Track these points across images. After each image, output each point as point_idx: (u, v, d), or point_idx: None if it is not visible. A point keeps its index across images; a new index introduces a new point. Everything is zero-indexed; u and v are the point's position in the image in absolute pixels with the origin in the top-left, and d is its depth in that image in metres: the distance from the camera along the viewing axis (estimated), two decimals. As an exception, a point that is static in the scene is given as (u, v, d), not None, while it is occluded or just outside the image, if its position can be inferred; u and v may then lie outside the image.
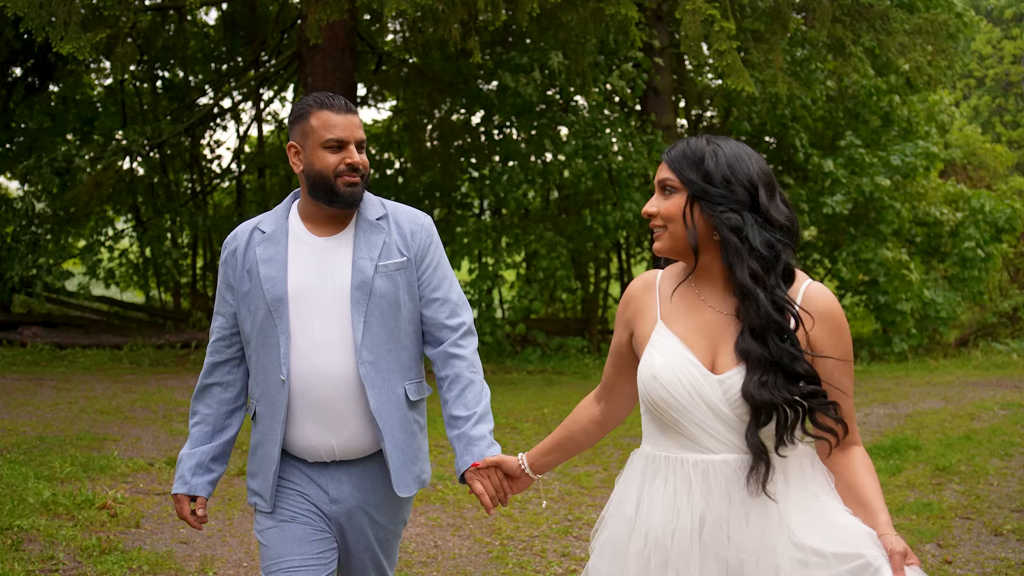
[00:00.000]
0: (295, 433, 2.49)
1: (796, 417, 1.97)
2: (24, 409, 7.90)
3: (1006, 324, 16.27)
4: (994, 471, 6.49)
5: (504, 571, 4.50)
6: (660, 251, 2.11)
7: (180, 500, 2.57)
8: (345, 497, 2.52)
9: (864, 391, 10.07)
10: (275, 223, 2.56)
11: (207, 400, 2.60)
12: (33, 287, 12.70)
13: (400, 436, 2.50)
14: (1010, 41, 30.77)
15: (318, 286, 2.47)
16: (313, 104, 2.48)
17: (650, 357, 2.06)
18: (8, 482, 5.33)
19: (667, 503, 2.03)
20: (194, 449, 2.57)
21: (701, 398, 2.00)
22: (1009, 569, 4.63)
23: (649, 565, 2.04)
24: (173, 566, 4.39)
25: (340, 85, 10.93)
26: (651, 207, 2.10)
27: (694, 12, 8.22)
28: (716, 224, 2.01)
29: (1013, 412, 8.65)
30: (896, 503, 5.70)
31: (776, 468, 1.98)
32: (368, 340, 2.45)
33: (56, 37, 7.89)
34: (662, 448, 2.08)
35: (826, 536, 1.93)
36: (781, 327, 1.98)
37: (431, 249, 2.58)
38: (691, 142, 2.09)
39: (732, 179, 2.02)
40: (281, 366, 2.45)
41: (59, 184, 12.32)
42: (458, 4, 7.79)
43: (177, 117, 13.91)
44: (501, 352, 12.50)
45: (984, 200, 14.45)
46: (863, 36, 11.20)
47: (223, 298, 2.58)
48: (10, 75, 13.91)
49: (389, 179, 15.34)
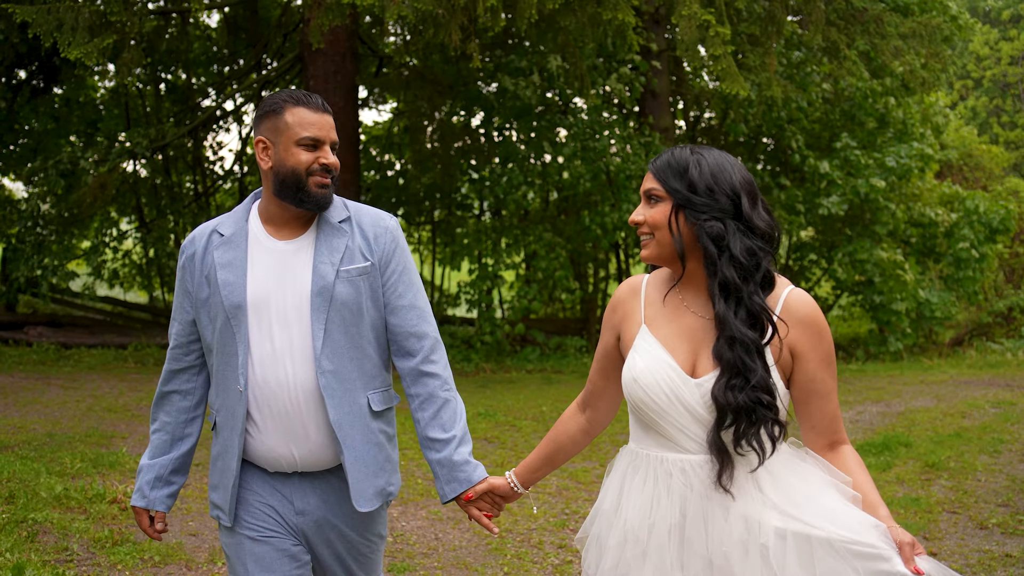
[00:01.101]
0: (257, 444, 2.41)
1: (752, 424, 2.00)
2: (32, 407, 8.05)
3: (1001, 324, 16.40)
4: (982, 467, 6.62)
5: (503, 562, 4.65)
6: (647, 258, 2.17)
7: (139, 513, 2.51)
8: (311, 509, 2.44)
9: (858, 389, 10.22)
10: (234, 225, 2.45)
11: (166, 408, 2.52)
12: (39, 287, 12.85)
13: (362, 448, 2.41)
14: (1007, 42, 30.89)
15: (278, 292, 2.38)
16: (288, 100, 2.39)
17: (632, 361, 2.12)
18: (21, 477, 5.47)
19: (646, 498, 2.09)
20: (154, 460, 2.51)
21: (679, 401, 2.05)
22: (992, 561, 4.77)
23: (625, 556, 2.09)
24: (183, 556, 4.54)
25: (342, 88, 11.09)
26: (638, 216, 2.15)
27: (690, 17, 8.37)
28: (698, 232, 2.07)
29: (1004, 410, 8.77)
30: (885, 498, 5.84)
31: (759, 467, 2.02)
32: (328, 348, 2.36)
33: (64, 42, 8.04)
34: (644, 446, 2.14)
35: (836, 525, 1.95)
36: (751, 338, 2.02)
37: (396, 253, 2.48)
38: (675, 152, 2.14)
39: (715, 188, 2.07)
40: (239, 376, 2.37)
41: (64, 186, 12.47)
42: (458, 10, 7.94)
43: (180, 119, 14.06)
44: (501, 351, 12.64)
45: (979, 201, 14.59)
46: (857, 40, 11.35)
47: (181, 305, 2.49)
48: (15, 78, 14.05)
49: (390, 180, 15.50)
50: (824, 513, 1.97)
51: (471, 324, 13.98)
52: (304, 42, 10.71)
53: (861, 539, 1.92)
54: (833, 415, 2.11)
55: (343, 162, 10.98)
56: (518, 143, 13.51)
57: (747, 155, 15.09)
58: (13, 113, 14.25)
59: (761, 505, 2.00)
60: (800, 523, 1.96)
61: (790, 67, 13.11)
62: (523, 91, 12.19)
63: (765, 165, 15.00)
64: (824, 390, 2.10)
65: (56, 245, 13.31)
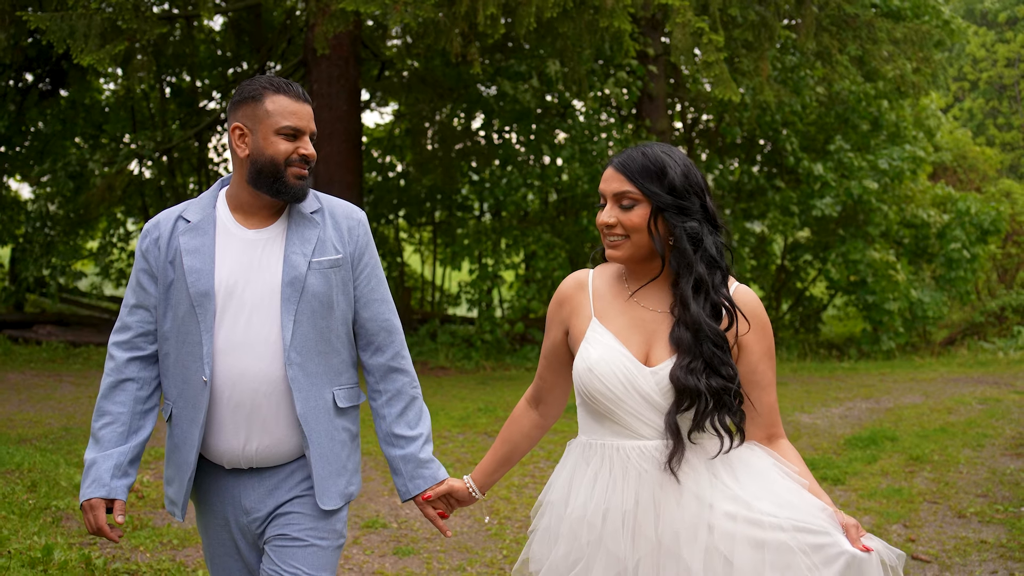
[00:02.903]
0: (212, 437, 2.33)
1: (711, 406, 2.05)
2: (46, 403, 8.30)
3: (993, 323, 16.63)
4: (965, 460, 6.83)
5: (502, 546, 4.90)
6: (619, 259, 2.16)
7: (96, 507, 2.28)
8: (258, 506, 2.37)
9: (849, 387, 10.45)
10: (201, 212, 2.38)
11: (120, 398, 2.36)
12: (47, 287, 13.08)
13: (326, 445, 2.36)
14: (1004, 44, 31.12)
15: (246, 282, 2.32)
16: (268, 87, 2.32)
17: (586, 352, 2.14)
18: (41, 468, 5.72)
19: (600, 486, 2.11)
20: (109, 451, 2.32)
21: (635, 389, 2.08)
22: (967, 547, 4.99)
23: (579, 543, 2.11)
24: (200, 541, 4.78)
25: (345, 91, 11.33)
26: (609, 218, 2.14)
27: (684, 25, 8.62)
28: (677, 233, 2.09)
29: (990, 406, 8.98)
30: (869, 488, 6.08)
31: (723, 453, 2.08)
32: (297, 341, 2.30)
33: (76, 49, 8.29)
34: (597, 436, 2.16)
35: (783, 507, 2.02)
36: (715, 330, 2.08)
37: (369, 247, 2.45)
38: (646, 152, 2.13)
39: (689, 189, 2.10)
40: (204, 366, 2.29)
41: (73, 188, 12.72)
42: (459, 17, 8.19)
43: (185, 122, 14.30)
44: (501, 350, 12.88)
45: (970, 203, 14.84)
46: (849, 45, 11.59)
47: (144, 289, 2.38)
48: (23, 81, 14.29)
49: (391, 182, 15.75)
50: (774, 497, 2.03)
51: (471, 323, 14.22)
52: (308, 46, 10.95)
53: (810, 521, 2.00)
54: (772, 407, 2.17)
55: (346, 164, 11.27)
56: (517, 146, 13.75)
57: (744, 157, 15.35)
58: (21, 116, 14.50)
59: (713, 489, 2.05)
60: (751, 509, 2.01)
61: (784, 71, 13.35)
62: (522, 95, 12.43)
63: (761, 167, 15.25)
64: (765, 382, 2.17)
65: (64, 246, 13.55)
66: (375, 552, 4.76)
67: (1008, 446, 7.30)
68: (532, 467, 6.52)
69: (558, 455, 6.69)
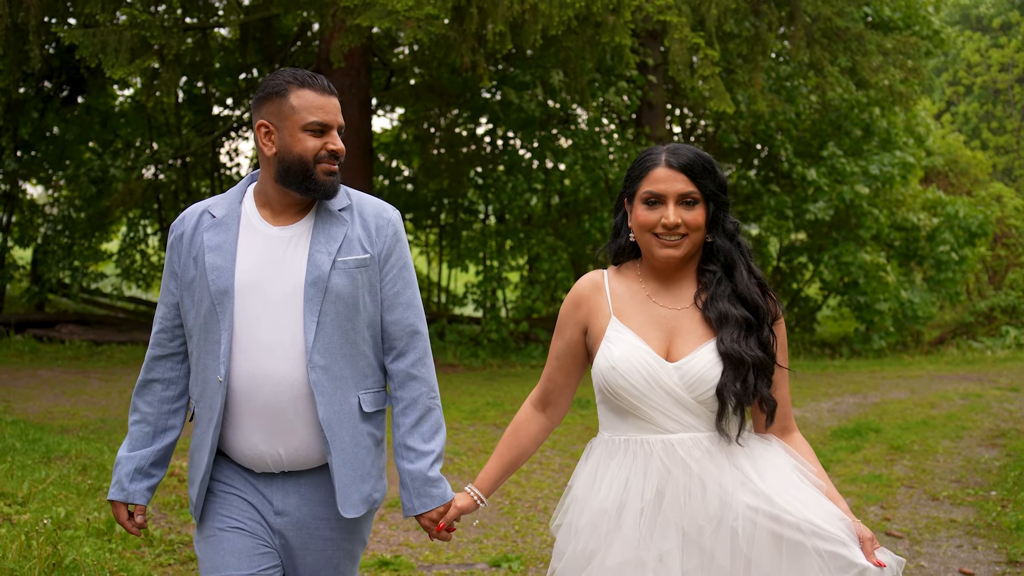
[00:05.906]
0: (239, 441, 2.28)
1: (755, 376, 2.12)
2: (79, 397, 8.79)
3: (983, 323, 17.07)
4: (943, 450, 7.28)
5: (513, 523, 5.40)
6: (680, 258, 2.18)
7: (117, 506, 2.36)
8: (291, 510, 2.31)
9: (839, 383, 10.92)
10: (227, 207, 2.32)
11: (148, 398, 2.38)
12: (70, 288, 13.55)
13: (350, 451, 2.29)
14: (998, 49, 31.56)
15: (268, 280, 2.25)
16: (292, 81, 2.23)
17: (607, 350, 2.17)
18: (88, 454, 6.21)
19: (619, 479, 2.14)
20: (134, 452, 2.36)
21: (658, 384, 2.12)
22: (938, 525, 5.46)
23: (597, 533, 2.13)
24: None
25: (356, 100, 11.78)
26: (675, 218, 2.14)
27: (681, 40, 9.11)
28: (728, 227, 2.19)
29: (971, 401, 9.42)
30: (851, 475, 6.55)
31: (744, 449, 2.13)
32: (321, 343, 2.23)
33: (108, 63, 8.78)
34: (621, 432, 2.18)
35: (803, 508, 2.06)
36: (766, 308, 2.18)
37: (398, 247, 2.35)
38: (697, 152, 2.18)
39: (725, 184, 2.20)
40: (220, 366, 2.23)
41: (95, 192, 13.19)
42: (469, 34, 8.66)
43: (200, 129, 14.77)
44: (506, 349, 13.32)
45: (959, 206, 15.31)
46: (840, 57, 12.07)
47: (167, 286, 2.37)
48: (44, 89, 14.77)
49: (399, 186, 16.21)
50: (796, 499, 2.06)
51: (477, 323, 14.64)
52: (320, 56, 11.41)
53: (828, 529, 2.03)
54: (785, 400, 2.21)
55: (356, 170, 11.74)
56: (522, 151, 14.21)
57: (741, 162, 15.82)
58: (43, 122, 14.97)
59: (738, 484, 2.08)
60: (772, 505, 2.04)
61: (778, 80, 13.82)
62: (527, 104, 12.88)
63: (758, 172, 15.72)
64: (779, 375, 2.21)
65: (86, 249, 14.02)
66: (400, 527, 5.25)
67: (985, 437, 7.75)
68: (539, 454, 6.98)
69: (564, 443, 7.18)
